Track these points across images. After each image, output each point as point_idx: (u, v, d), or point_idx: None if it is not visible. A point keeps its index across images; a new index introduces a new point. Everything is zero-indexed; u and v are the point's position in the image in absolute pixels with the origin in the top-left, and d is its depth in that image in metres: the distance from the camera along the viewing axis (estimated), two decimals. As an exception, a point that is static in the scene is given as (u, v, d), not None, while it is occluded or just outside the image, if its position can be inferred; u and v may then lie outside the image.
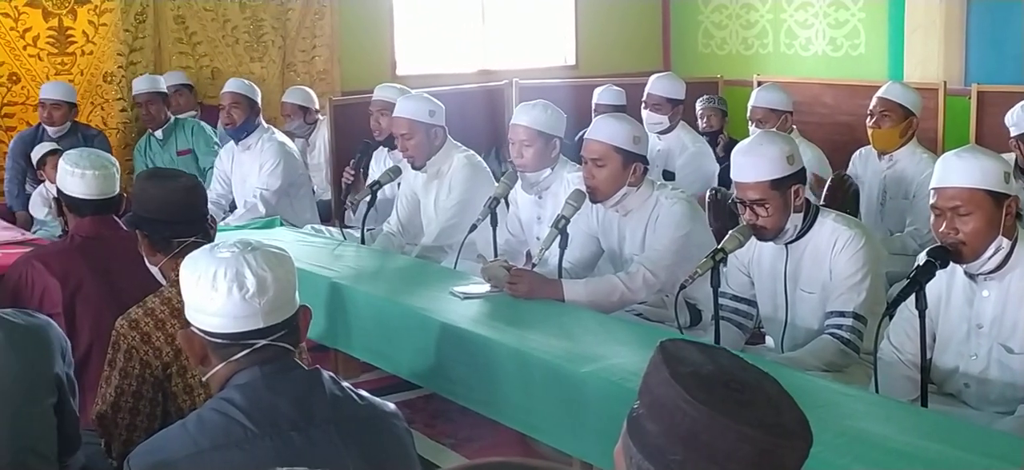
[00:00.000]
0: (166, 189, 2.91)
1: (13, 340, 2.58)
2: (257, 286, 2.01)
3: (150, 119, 6.68)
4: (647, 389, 1.35)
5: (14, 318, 2.65)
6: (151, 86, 6.68)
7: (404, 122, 4.76)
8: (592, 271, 4.11)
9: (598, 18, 9.49)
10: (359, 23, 8.31)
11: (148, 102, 6.65)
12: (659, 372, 1.33)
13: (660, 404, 1.31)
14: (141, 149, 6.75)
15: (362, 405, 2.09)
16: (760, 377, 1.37)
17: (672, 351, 1.36)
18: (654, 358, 1.36)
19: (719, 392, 1.30)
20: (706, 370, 1.33)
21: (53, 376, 2.66)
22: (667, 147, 5.93)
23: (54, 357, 2.68)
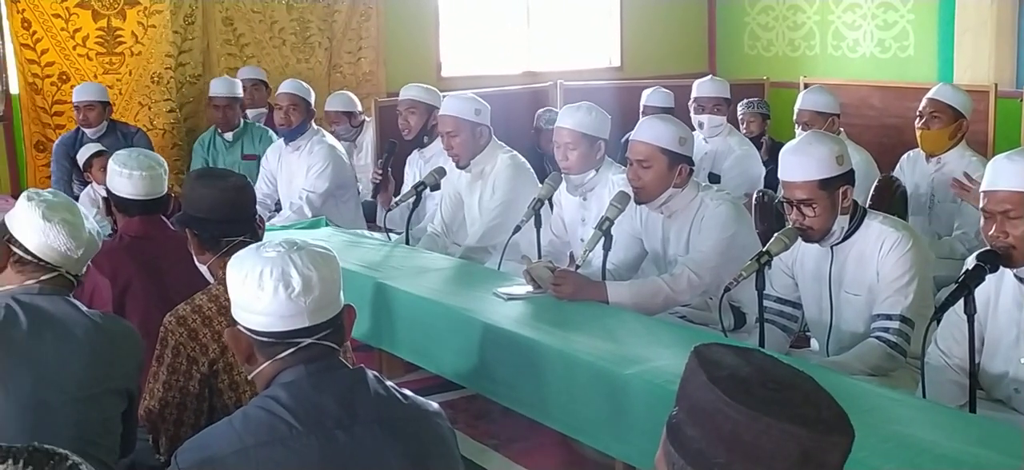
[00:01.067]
0: (216, 189, 2.94)
1: (95, 343, 2.63)
2: (302, 285, 2.02)
3: (225, 122, 6.67)
4: (685, 395, 1.35)
5: (100, 321, 2.69)
6: (229, 90, 6.67)
7: (450, 120, 4.78)
8: (636, 273, 4.10)
9: (643, 19, 9.47)
10: (404, 25, 8.35)
11: (226, 106, 6.63)
12: (696, 377, 1.33)
13: (700, 409, 1.31)
14: (204, 144, 6.77)
15: (406, 404, 2.10)
16: (795, 375, 1.36)
17: (707, 355, 1.36)
18: (689, 364, 1.36)
19: (758, 392, 1.29)
20: (743, 372, 1.33)
21: (126, 386, 2.70)
22: (713, 149, 5.91)
23: (131, 368, 2.72)
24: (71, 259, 2.67)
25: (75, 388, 2.57)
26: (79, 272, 2.74)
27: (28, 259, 2.64)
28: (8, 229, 2.67)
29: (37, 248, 2.64)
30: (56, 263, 2.66)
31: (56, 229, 2.63)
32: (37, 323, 2.58)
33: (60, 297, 2.66)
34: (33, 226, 2.63)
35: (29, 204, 2.66)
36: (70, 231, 2.65)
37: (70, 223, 2.66)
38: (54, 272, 2.66)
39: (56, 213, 2.65)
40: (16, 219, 2.67)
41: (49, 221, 2.63)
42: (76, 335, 2.61)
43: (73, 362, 2.58)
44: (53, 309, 2.62)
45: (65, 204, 2.72)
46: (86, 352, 2.61)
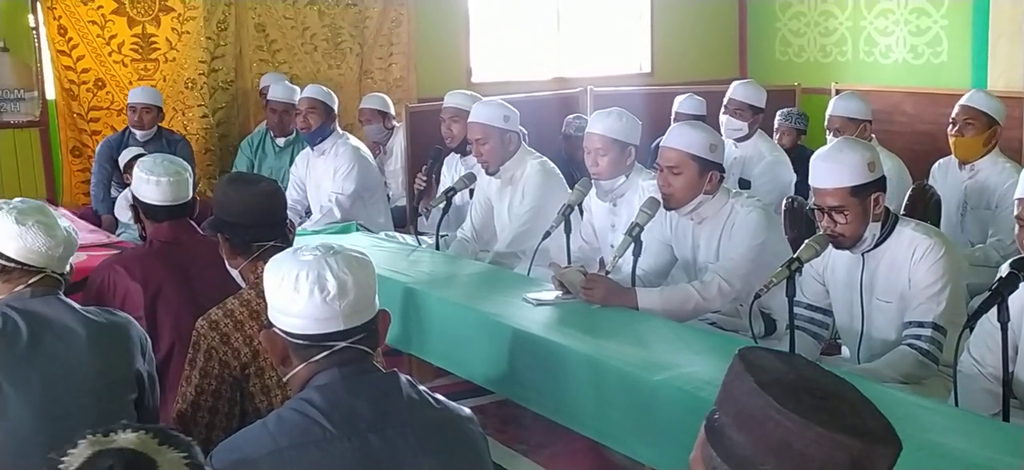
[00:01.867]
0: (247, 193, 2.96)
1: (95, 337, 2.67)
2: (338, 289, 2.04)
3: (280, 126, 6.67)
4: (730, 398, 1.34)
5: (96, 316, 2.74)
6: (288, 96, 6.63)
7: (478, 127, 4.80)
8: (665, 279, 4.09)
9: (674, 25, 9.45)
10: (435, 31, 8.38)
11: (283, 110, 6.62)
12: (743, 381, 1.31)
13: (747, 414, 1.30)
14: (252, 144, 6.81)
15: (438, 408, 2.11)
16: (839, 383, 1.35)
17: (753, 360, 1.34)
18: (734, 367, 1.35)
19: (806, 400, 1.28)
20: (789, 378, 1.32)
21: (134, 373, 2.75)
22: (743, 155, 5.88)
23: (135, 354, 2.76)
24: (53, 257, 2.71)
25: (83, 383, 2.61)
26: (64, 270, 2.77)
27: (12, 266, 2.68)
28: None
29: (18, 253, 2.67)
30: (40, 265, 2.69)
31: (32, 231, 2.67)
32: (36, 327, 2.62)
33: (53, 297, 2.71)
34: (9, 233, 2.67)
35: (1, 214, 2.69)
36: (46, 230, 2.69)
37: (44, 223, 2.70)
38: (40, 274, 2.70)
39: (28, 217, 2.69)
40: None
41: (23, 225, 2.66)
42: (76, 332, 2.66)
43: (77, 358, 2.63)
44: (49, 311, 2.66)
45: (36, 207, 2.76)
46: (88, 347, 2.65)
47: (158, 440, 1.32)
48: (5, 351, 2.55)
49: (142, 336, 2.84)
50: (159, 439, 1.33)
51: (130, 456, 1.28)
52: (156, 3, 7.15)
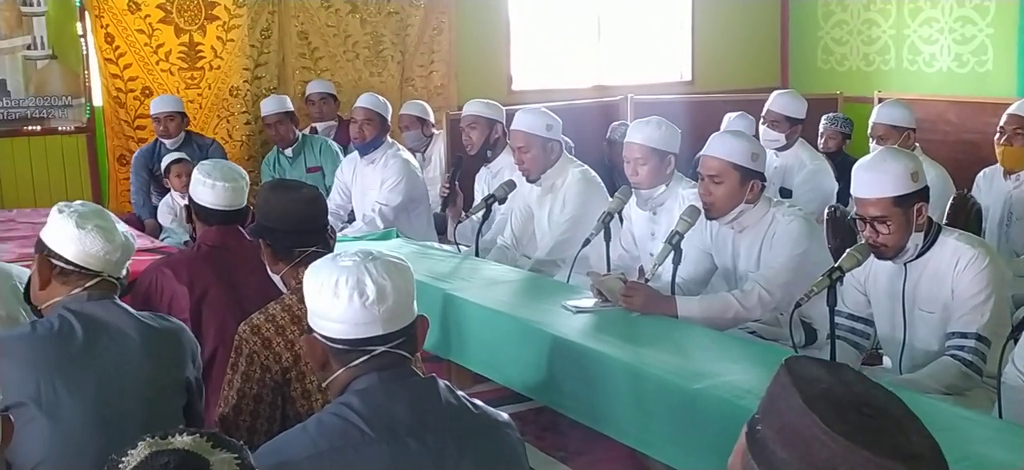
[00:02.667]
0: (288, 200, 2.98)
1: (148, 342, 2.70)
2: (377, 294, 2.05)
3: (279, 139, 6.79)
4: (775, 411, 1.30)
5: (150, 321, 2.77)
6: (278, 107, 6.79)
7: (521, 135, 4.81)
8: (705, 288, 4.08)
9: (715, 33, 9.41)
10: (476, 39, 8.41)
11: (277, 122, 6.75)
12: (789, 396, 1.27)
13: (793, 431, 1.26)
14: (270, 163, 6.90)
15: (476, 414, 2.13)
16: (887, 398, 1.31)
17: (799, 371, 1.30)
18: (780, 379, 1.31)
19: (853, 418, 1.24)
20: (836, 392, 1.28)
21: (184, 379, 2.78)
22: (784, 164, 5.85)
23: (186, 361, 2.80)
24: (110, 262, 2.73)
25: (135, 387, 2.64)
26: (119, 274, 2.80)
27: (70, 269, 2.70)
28: (46, 244, 2.73)
29: (76, 257, 2.70)
30: (97, 268, 2.72)
31: (91, 235, 2.69)
32: (92, 330, 2.64)
33: (109, 301, 2.73)
34: (69, 236, 2.69)
35: (61, 216, 2.72)
36: (104, 235, 2.71)
37: (103, 228, 2.72)
38: (97, 277, 2.72)
39: (88, 220, 2.71)
40: (52, 233, 2.73)
41: (83, 229, 2.69)
42: (130, 336, 2.69)
43: (131, 363, 2.65)
44: (105, 314, 2.69)
45: (96, 211, 2.79)
46: (142, 352, 2.68)
47: (211, 443, 1.37)
48: (60, 353, 2.58)
49: (193, 343, 2.87)
50: (212, 442, 1.38)
51: (184, 456, 1.33)
52: (202, 12, 7.24)
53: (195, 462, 1.33)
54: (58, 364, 2.57)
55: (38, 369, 2.54)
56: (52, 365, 2.56)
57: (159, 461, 1.32)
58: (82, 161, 7.24)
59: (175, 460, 1.32)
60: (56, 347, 2.59)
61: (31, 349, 2.57)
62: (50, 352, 2.58)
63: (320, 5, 7.74)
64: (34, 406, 2.51)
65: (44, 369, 2.55)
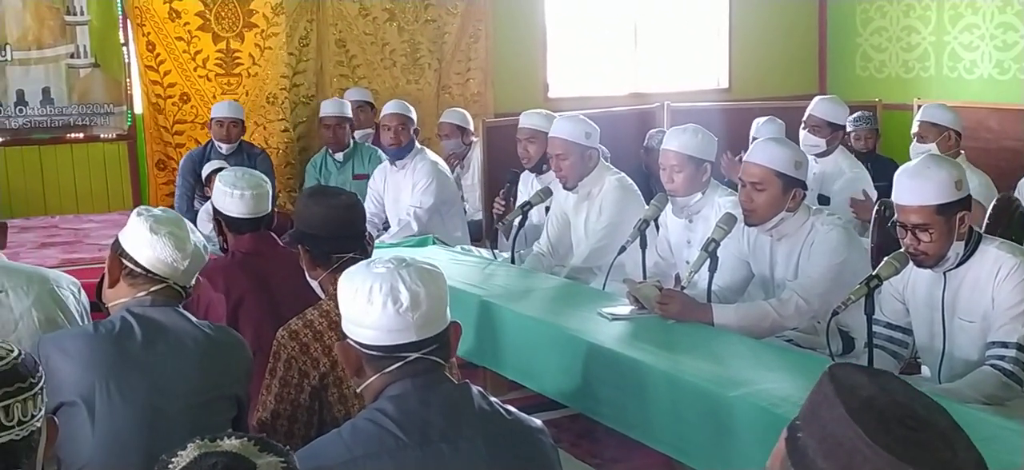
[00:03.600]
0: (327, 206, 3.00)
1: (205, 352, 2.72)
2: (410, 301, 2.06)
3: (335, 141, 6.77)
4: (817, 420, 1.27)
5: (210, 331, 2.79)
6: (339, 110, 6.80)
7: (559, 142, 4.81)
8: (742, 296, 4.06)
9: (752, 40, 9.37)
10: (512, 46, 8.43)
11: (336, 125, 6.74)
12: (832, 407, 1.24)
13: (835, 441, 1.23)
14: (316, 165, 6.90)
15: (510, 420, 2.13)
16: (931, 409, 1.28)
17: (843, 380, 1.27)
18: (823, 387, 1.28)
19: (897, 431, 1.22)
20: (881, 403, 1.25)
21: (235, 393, 2.80)
22: (823, 171, 5.80)
23: (240, 375, 2.81)
24: (178, 270, 2.76)
25: (188, 395, 2.66)
26: (187, 283, 2.82)
27: (139, 272, 2.74)
28: (120, 244, 2.78)
29: (147, 261, 2.73)
30: (164, 275, 2.74)
31: (163, 242, 2.72)
32: (151, 334, 2.67)
33: (171, 308, 2.76)
34: (142, 240, 2.73)
35: (139, 219, 2.76)
36: (176, 243, 2.74)
37: (176, 236, 2.75)
38: (163, 283, 2.75)
39: (163, 226, 2.74)
40: (128, 235, 2.77)
41: (157, 234, 2.72)
42: (187, 345, 2.71)
43: (185, 370, 2.67)
44: (165, 320, 2.71)
45: (171, 218, 2.82)
46: (197, 361, 2.70)
47: (258, 447, 1.40)
48: (117, 353, 2.61)
49: (249, 359, 2.89)
50: (259, 446, 1.41)
51: (232, 458, 1.35)
52: (240, 19, 7.31)
53: (242, 464, 1.36)
54: (114, 365, 2.60)
55: (95, 369, 2.58)
56: (109, 365, 2.59)
57: (207, 462, 1.35)
58: (123, 167, 7.34)
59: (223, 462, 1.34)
60: (115, 348, 2.62)
61: (91, 348, 2.61)
62: (108, 352, 2.61)
63: (358, 13, 7.79)
64: (86, 406, 2.54)
65: (101, 369, 2.58)
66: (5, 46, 6.83)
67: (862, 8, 9.41)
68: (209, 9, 7.23)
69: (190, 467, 1.35)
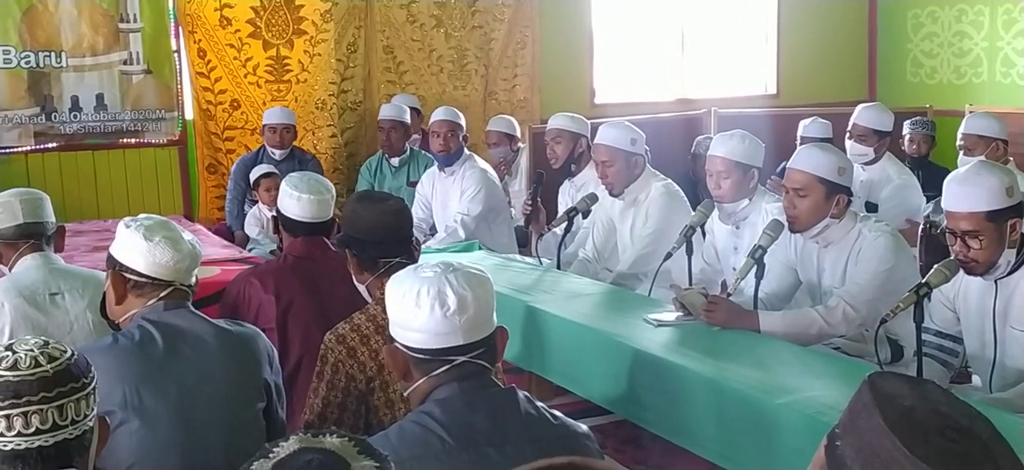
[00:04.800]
0: (375, 211, 3.02)
1: (225, 347, 2.77)
2: (458, 304, 2.08)
3: (390, 145, 6.79)
4: (855, 430, 1.26)
5: (226, 326, 2.85)
6: (396, 114, 6.81)
7: (605, 149, 4.81)
8: (788, 303, 4.03)
9: (801, 46, 9.31)
10: (559, 53, 8.43)
11: (391, 129, 6.75)
12: (870, 416, 1.23)
13: (872, 452, 1.22)
14: (371, 168, 6.93)
15: (556, 425, 2.14)
16: (973, 418, 1.26)
17: (882, 389, 1.26)
18: (862, 397, 1.27)
19: (936, 442, 1.20)
20: (920, 413, 1.23)
21: (261, 382, 2.84)
22: (870, 178, 5.76)
23: (263, 364, 2.86)
24: (180, 270, 2.79)
25: (216, 392, 2.71)
26: (190, 282, 2.85)
27: (143, 281, 2.76)
28: (117, 260, 2.80)
29: (147, 268, 2.75)
30: (169, 278, 2.77)
31: (160, 246, 2.75)
32: (171, 337, 2.71)
33: (185, 309, 2.80)
34: (139, 249, 2.75)
35: (129, 231, 2.79)
36: (172, 245, 2.77)
37: (170, 238, 2.78)
38: (170, 287, 2.78)
39: (156, 232, 2.77)
40: (121, 248, 2.79)
41: (151, 240, 2.75)
42: (208, 343, 2.75)
43: (209, 368, 2.72)
44: (182, 322, 2.76)
45: (161, 222, 2.85)
46: (219, 356, 2.75)
47: (358, 449, 1.42)
48: (143, 361, 2.65)
49: (269, 347, 2.93)
50: (358, 448, 1.43)
51: (328, 456, 1.38)
52: (290, 26, 7.39)
53: (338, 463, 1.38)
54: (141, 372, 2.64)
55: (123, 379, 2.61)
56: (136, 374, 2.63)
57: (305, 456, 1.37)
58: (174, 172, 7.43)
59: (318, 459, 1.36)
60: (139, 356, 2.66)
61: (115, 360, 2.64)
62: (133, 361, 2.65)
63: (406, 20, 7.84)
64: (122, 412, 2.59)
65: (129, 378, 2.62)
66: (61, 53, 6.96)
67: (913, 13, 9.31)
68: (259, 16, 7.32)
69: (289, 459, 1.37)
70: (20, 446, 1.77)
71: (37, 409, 1.77)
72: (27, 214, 3.41)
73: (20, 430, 1.77)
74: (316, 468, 1.36)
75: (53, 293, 3.32)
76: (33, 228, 3.42)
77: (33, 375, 1.78)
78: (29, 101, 6.93)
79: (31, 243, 3.40)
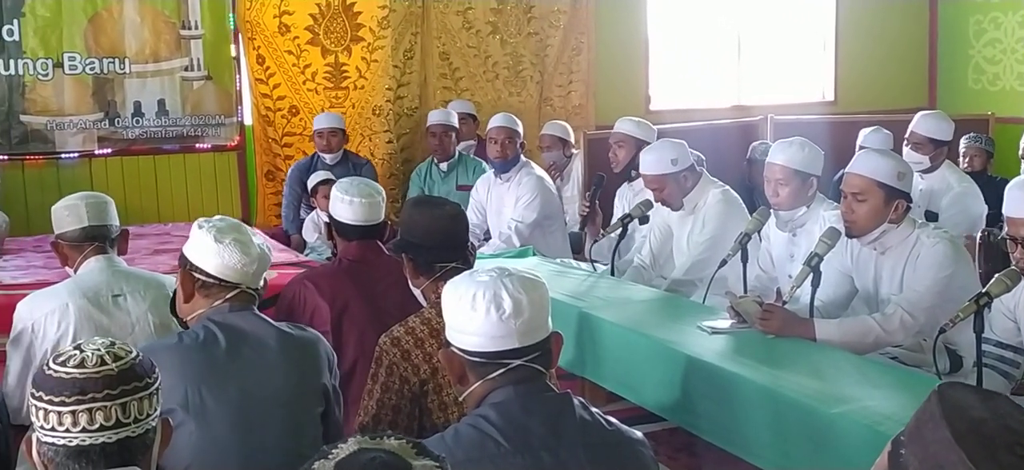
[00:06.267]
0: (431, 216, 3.05)
1: (287, 351, 2.81)
2: (513, 308, 2.10)
3: (440, 150, 6.85)
4: (921, 440, 1.24)
5: (288, 330, 2.88)
6: (445, 119, 6.89)
7: (652, 178, 4.83)
8: (845, 311, 3.99)
9: (860, 52, 9.21)
10: (614, 59, 8.43)
11: (442, 133, 6.82)
12: (937, 428, 1.21)
13: (938, 465, 1.20)
14: (421, 174, 6.99)
15: (610, 430, 2.14)
16: None
17: (951, 400, 1.24)
18: (930, 406, 1.25)
19: (1004, 458, 1.17)
20: (989, 427, 1.20)
21: (321, 386, 2.87)
22: (930, 187, 5.67)
23: (323, 369, 2.89)
24: (248, 274, 2.83)
25: (275, 394, 2.74)
26: (257, 285, 2.89)
27: (211, 282, 2.81)
28: (188, 259, 2.85)
29: (216, 270, 2.80)
30: (236, 280, 2.82)
31: (230, 249, 2.79)
32: (234, 339, 2.75)
33: (249, 312, 2.84)
34: (209, 250, 2.80)
35: (201, 232, 2.83)
36: (242, 248, 2.81)
37: (240, 241, 2.82)
38: (236, 289, 2.82)
39: (227, 235, 2.81)
40: (193, 248, 2.85)
41: (221, 243, 2.79)
42: (269, 346, 2.79)
43: (270, 371, 2.75)
44: (245, 325, 2.80)
45: (233, 225, 2.89)
46: (280, 360, 2.78)
47: (416, 450, 1.43)
48: (205, 361, 2.70)
49: (329, 352, 2.97)
50: (417, 449, 1.44)
51: (388, 457, 1.39)
52: (348, 33, 7.46)
53: (398, 464, 1.39)
54: (203, 372, 2.68)
55: (186, 378, 2.66)
56: (198, 373, 2.68)
57: (364, 457, 1.38)
58: (233, 177, 7.53)
59: (380, 459, 1.38)
60: (201, 356, 2.71)
61: (179, 358, 2.69)
62: (196, 361, 2.70)
63: (462, 26, 7.88)
64: (183, 412, 2.63)
65: (191, 377, 2.66)
66: (124, 59, 7.09)
67: (975, 18, 9.17)
68: (318, 23, 7.40)
69: (349, 460, 1.39)
70: (85, 442, 1.81)
71: (101, 406, 1.81)
72: (92, 217, 3.48)
73: (85, 426, 1.81)
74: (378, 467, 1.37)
75: (116, 295, 3.38)
76: (98, 231, 3.49)
77: (98, 373, 1.83)
78: (93, 107, 7.07)
79: (95, 246, 3.47)
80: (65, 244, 3.50)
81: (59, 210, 3.52)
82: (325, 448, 1.43)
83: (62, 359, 1.86)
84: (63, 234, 3.50)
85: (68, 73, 6.96)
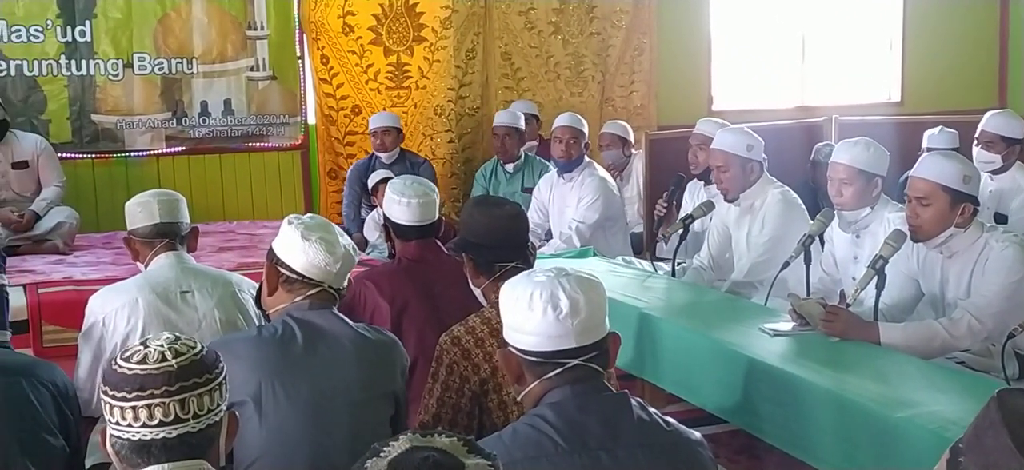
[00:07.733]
0: (492, 216, 3.06)
1: (363, 352, 2.83)
2: (570, 307, 2.10)
3: (504, 151, 6.85)
4: (980, 447, 1.23)
5: (365, 332, 2.90)
6: (511, 121, 6.87)
7: (720, 154, 4.78)
8: (910, 315, 3.93)
9: (927, 51, 9.07)
10: (677, 59, 8.39)
11: (506, 135, 6.81)
12: (997, 433, 1.20)
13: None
14: (486, 174, 7.00)
15: (668, 431, 2.14)
16: None
17: (1011, 407, 1.22)
18: (989, 412, 1.24)
19: None
20: None
21: (392, 391, 2.89)
22: (1000, 188, 5.57)
23: (395, 374, 2.91)
24: (331, 273, 2.86)
25: (348, 394, 2.76)
26: (340, 285, 2.91)
27: (294, 278, 2.85)
28: (275, 253, 2.89)
29: (301, 267, 2.84)
30: (319, 279, 2.85)
31: (315, 247, 2.82)
32: (311, 336, 2.78)
33: (328, 311, 2.86)
34: (296, 247, 2.84)
35: (289, 227, 2.87)
36: (327, 248, 2.84)
37: (326, 240, 2.85)
38: (318, 287, 2.86)
39: (313, 233, 2.85)
40: (281, 243, 2.89)
41: (308, 240, 2.83)
42: (345, 346, 2.81)
43: (344, 371, 2.77)
44: (324, 323, 2.82)
45: (321, 224, 2.92)
46: (355, 361, 2.80)
47: (467, 448, 1.45)
48: (281, 355, 2.73)
49: (404, 357, 2.98)
50: (468, 447, 1.45)
51: (440, 455, 1.40)
52: (410, 33, 7.52)
53: (451, 462, 1.40)
54: (278, 367, 2.72)
55: (261, 370, 2.70)
56: (273, 367, 2.71)
57: (418, 455, 1.40)
58: (296, 176, 7.63)
59: (433, 457, 1.39)
60: (278, 351, 2.74)
61: (256, 351, 2.73)
62: (272, 355, 2.73)
63: (524, 26, 7.90)
64: (254, 405, 2.66)
65: (266, 371, 2.70)
66: (192, 59, 7.22)
67: (1048, 17, 9.00)
68: (381, 23, 7.47)
69: (401, 458, 1.40)
70: (146, 437, 1.86)
71: (160, 402, 1.85)
72: (164, 214, 3.54)
73: (145, 421, 1.85)
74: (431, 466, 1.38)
75: (184, 291, 3.44)
76: (168, 228, 3.55)
77: (158, 370, 1.87)
78: (161, 106, 7.21)
79: (166, 242, 3.53)
80: (137, 240, 3.57)
81: (132, 207, 3.58)
82: (376, 446, 1.44)
83: (127, 355, 1.90)
84: (135, 230, 3.56)
85: (138, 73, 7.10)
